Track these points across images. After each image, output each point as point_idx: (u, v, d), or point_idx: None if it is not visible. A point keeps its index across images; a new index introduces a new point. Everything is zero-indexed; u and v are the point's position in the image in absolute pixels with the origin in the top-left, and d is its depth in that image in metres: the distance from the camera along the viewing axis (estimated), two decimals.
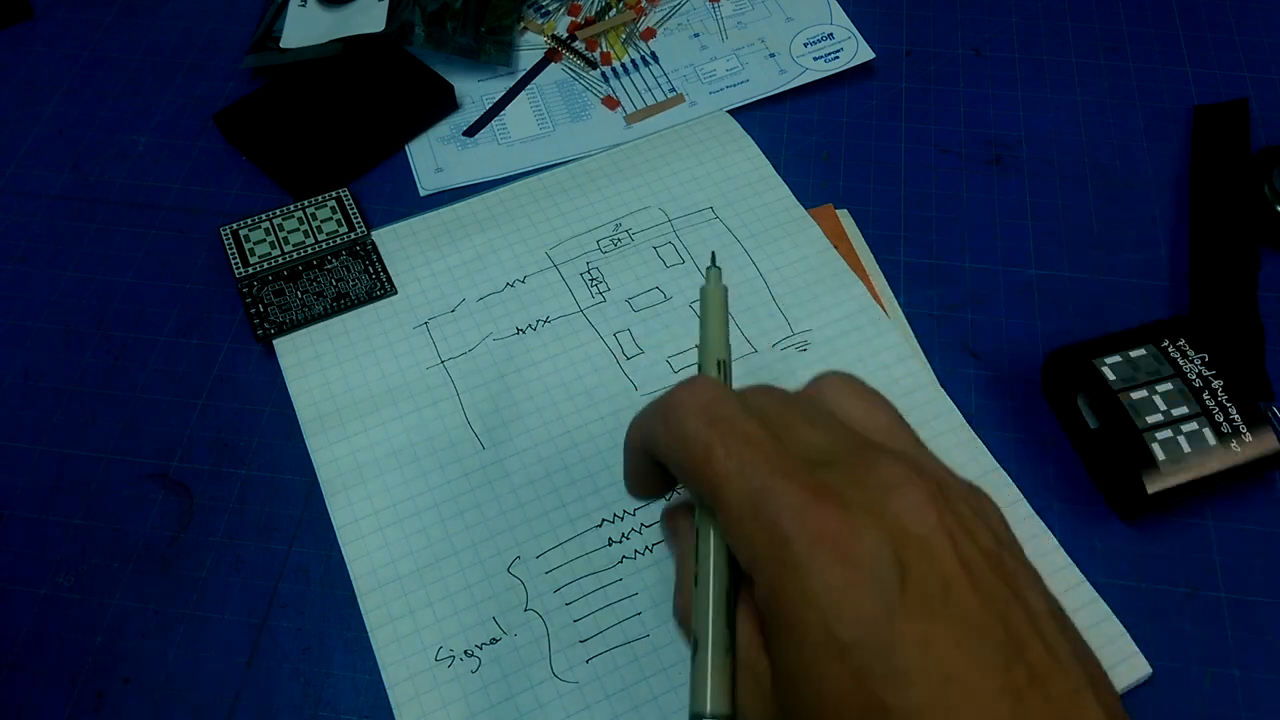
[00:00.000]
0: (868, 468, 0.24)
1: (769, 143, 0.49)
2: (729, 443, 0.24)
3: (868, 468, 0.24)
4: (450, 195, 0.48)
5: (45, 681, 0.35)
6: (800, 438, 0.25)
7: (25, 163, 0.50)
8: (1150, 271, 0.44)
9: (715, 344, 0.29)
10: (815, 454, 0.24)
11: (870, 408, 0.27)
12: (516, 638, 0.35)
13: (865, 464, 0.24)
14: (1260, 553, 0.37)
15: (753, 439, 0.24)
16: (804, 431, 0.25)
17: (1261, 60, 0.52)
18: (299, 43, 0.51)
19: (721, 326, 0.29)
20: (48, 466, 0.40)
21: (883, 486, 0.23)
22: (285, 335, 0.42)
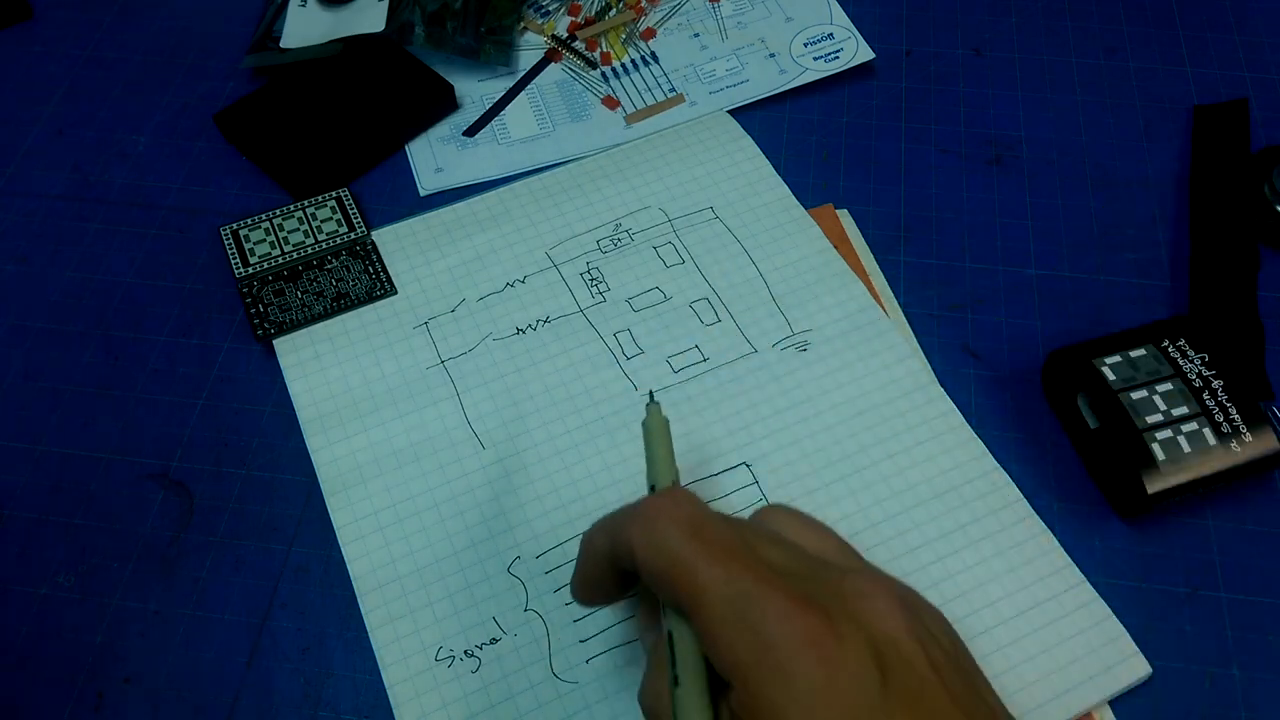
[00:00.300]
0: (835, 579, 0.25)
1: (769, 143, 0.49)
2: (712, 552, 0.25)
3: (835, 579, 0.25)
4: (450, 195, 0.48)
5: (45, 681, 0.35)
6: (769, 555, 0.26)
7: (25, 163, 0.50)
8: (1150, 271, 0.44)
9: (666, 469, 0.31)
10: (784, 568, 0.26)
11: (819, 534, 0.29)
12: (516, 638, 0.35)
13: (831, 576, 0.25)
14: (1260, 553, 0.37)
15: (734, 549, 0.25)
16: (769, 550, 0.26)
17: (1261, 60, 0.52)
18: (299, 43, 0.51)
19: (668, 453, 0.31)
20: (48, 466, 0.40)
21: (854, 595, 0.24)
22: (285, 335, 0.42)
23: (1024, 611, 0.35)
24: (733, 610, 0.24)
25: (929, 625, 0.25)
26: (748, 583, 0.24)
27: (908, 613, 0.25)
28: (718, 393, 0.40)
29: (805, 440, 0.39)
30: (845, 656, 0.23)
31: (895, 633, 0.24)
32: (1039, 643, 0.34)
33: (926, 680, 0.23)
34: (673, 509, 0.26)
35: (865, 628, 0.24)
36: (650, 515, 0.26)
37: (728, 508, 0.37)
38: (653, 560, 0.26)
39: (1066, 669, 0.34)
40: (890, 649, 0.24)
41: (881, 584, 0.25)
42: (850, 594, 0.25)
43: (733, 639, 0.24)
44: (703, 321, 0.42)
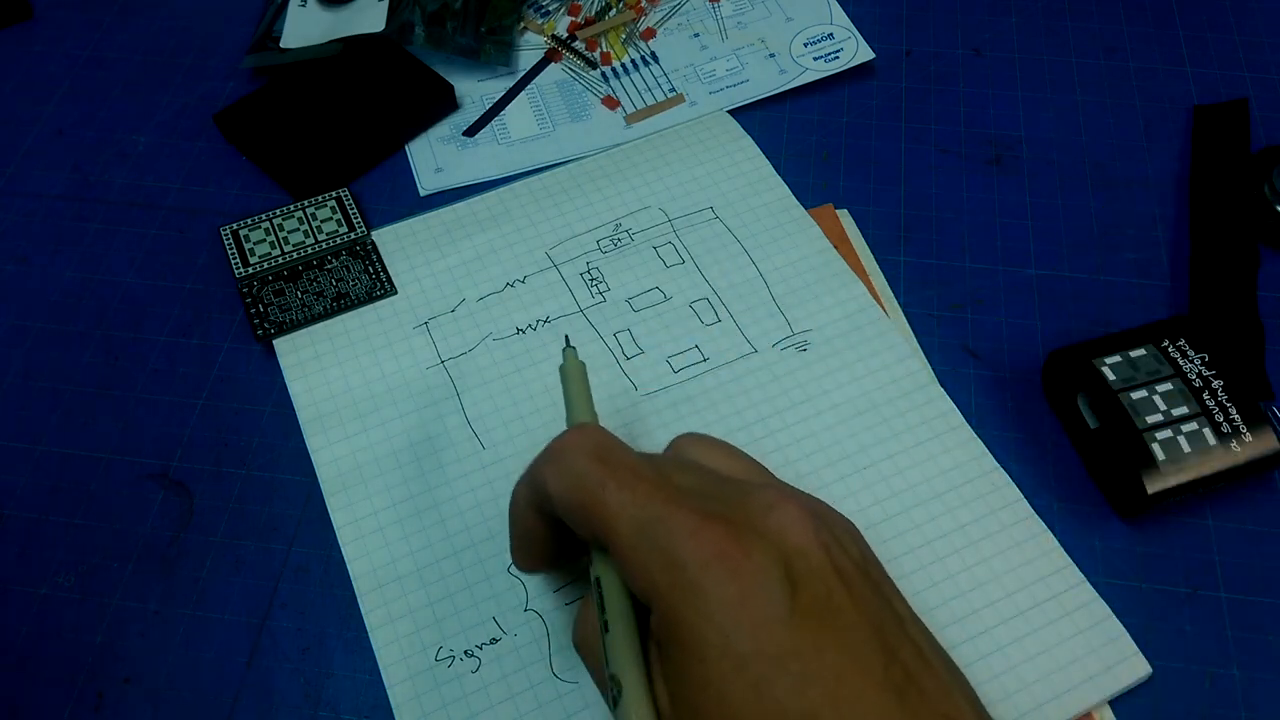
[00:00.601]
0: (743, 495, 0.26)
1: (769, 143, 0.49)
2: (620, 477, 0.25)
3: (743, 495, 0.26)
4: (450, 195, 0.48)
5: (45, 681, 0.35)
6: (678, 479, 0.26)
7: (25, 163, 0.50)
8: (1150, 271, 0.44)
9: (582, 411, 0.32)
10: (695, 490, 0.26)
11: (729, 456, 0.29)
12: (517, 638, 0.35)
13: (740, 493, 0.26)
14: (1260, 553, 0.37)
15: (641, 474, 0.26)
16: (680, 474, 0.27)
17: (1261, 60, 0.52)
18: (299, 43, 0.51)
19: (585, 396, 0.32)
20: (48, 466, 0.40)
21: (760, 508, 0.25)
22: (285, 335, 0.42)
23: (1024, 611, 0.35)
24: (642, 533, 0.24)
25: (837, 535, 0.25)
26: (656, 505, 0.25)
27: (816, 523, 0.25)
28: (718, 393, 0.40)
29: (805, 440, 0.39)
30: (753, 569, 0.23)
31: (803, 543, 0.24)
32: (1039, 643, 0.34)
33: (834, 589, 0.24)
34: (580, 440, 0.27)
35: (773, 539, 0.24)
36: (558, 449, 0.27)
37: None
38: (565, 493, 0.26)
39: (1066, 669, 0.34)
40: (798, 559, 0.24)
41: (789, 496, 0.26)
42: (757, 508, 0.25)
43: (645, 561, 0.24)
44: (703, 321, 0.42)
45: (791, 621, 0.23)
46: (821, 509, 0.26)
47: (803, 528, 0.24)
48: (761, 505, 0.25)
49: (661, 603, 0.24)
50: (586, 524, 0.26)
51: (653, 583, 0.24)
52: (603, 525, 0.25)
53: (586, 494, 0.26)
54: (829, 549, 0.25)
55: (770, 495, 0.26)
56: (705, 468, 0.28)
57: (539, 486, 0.27)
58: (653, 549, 0.24)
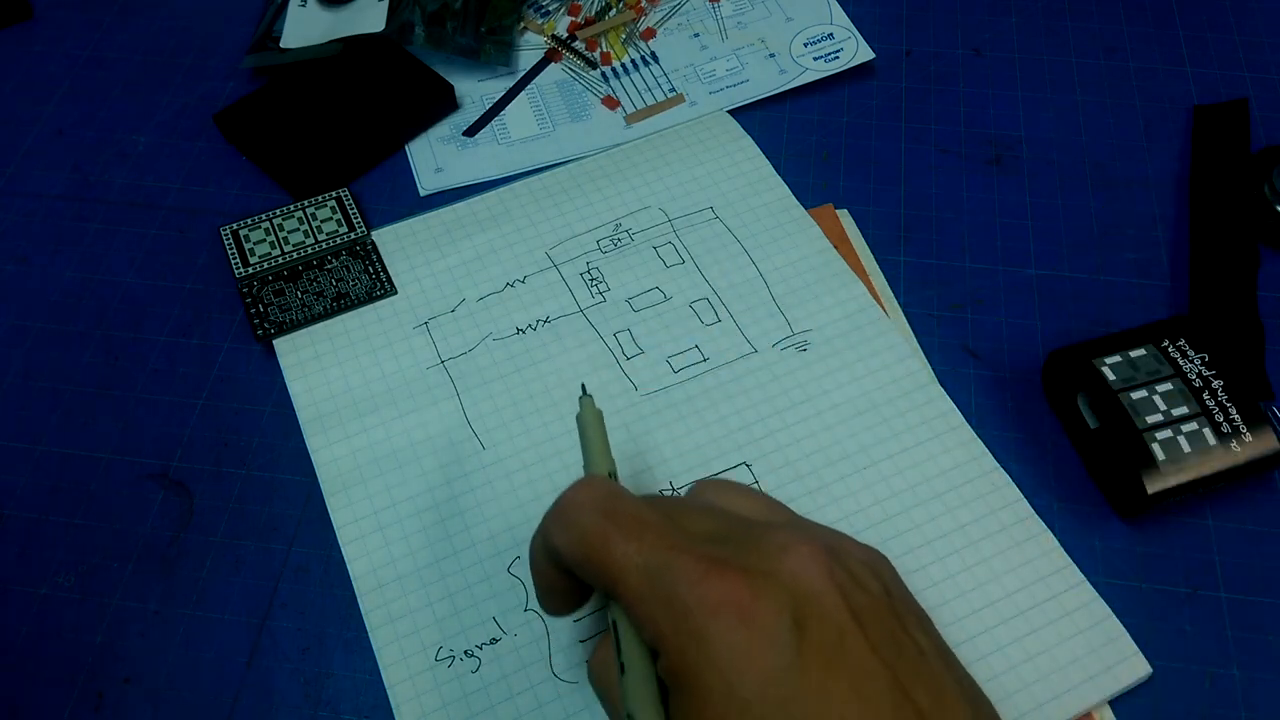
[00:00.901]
0: (757, 538, 0.25)
1: (769, 143, 0.49)
2: (625, 528, 0.25)
3: (757, 538, 0.25)
4: (450, 195, 0.48)
5: (45, 681, 0.35)
6: (690, 525, 0.26)
7: (25, 163, 0.50)
8: (1150, 271, 0.44)
9: (600, 459, 0.31)
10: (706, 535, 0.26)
11: (748, 498, 0.29)
12: (516, 638, 0.35)
13: (754, 536, 0.25)
14: (1260, 553, 0.37)
15: (647, 524, 0.25)
16: (693, 519, 0.26)
17: (1261, 60, 0.52)
18: (299, 43, 0.51)
19: (603, 443, 0.32)
20: (48, 466, 0.40)
21: (774, 550, 0.24)
22: (285, 335, 0.42)
23: (1024, 611, 0.35)
24: (649, 581, 0.24)
25: (855, 571, 0.25)
26: (661, 552, 0.24)
27: (831, 562, 0.24)
28: (718, 393, 0.40)
29: (805, 440, 0.39)
30: (761, 615, 0.23)
31: (815, 584, 0.24)
32: (1039, 643, 0.34)
33: (846, 631, 0.23)
34: (584, 495, 0.27)
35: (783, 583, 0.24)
36: (563, 505, 0.27)
37: None
38: (572, 549, 0.26)
39: (1066, 669, 0.34)
40: (809, 602, 0.23)
41: (804, 535, 0.25)
42: (770, 549, 0.25)
43: (652, 610, 0.24)
44: (703, 321, 0.42)
45: (797, 666, 0.22)
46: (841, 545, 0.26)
47: (817, 569, 0.24)
48: (775, 547, 0.25)
49: (668, 649, 0.24)
50: (594, 577, 0.26)
51: (659, 630, 0.24)
52: (609, 578, 0.25)
53: (591, 549, 0.25)
54: (844, 589, 0.24)
55: (785, 536, 0.25)
56: (721, 511, 0.27)
57: (550, 544, 0.27)
58: (659, 597, 0.24)
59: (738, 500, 0.28)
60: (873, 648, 0.23)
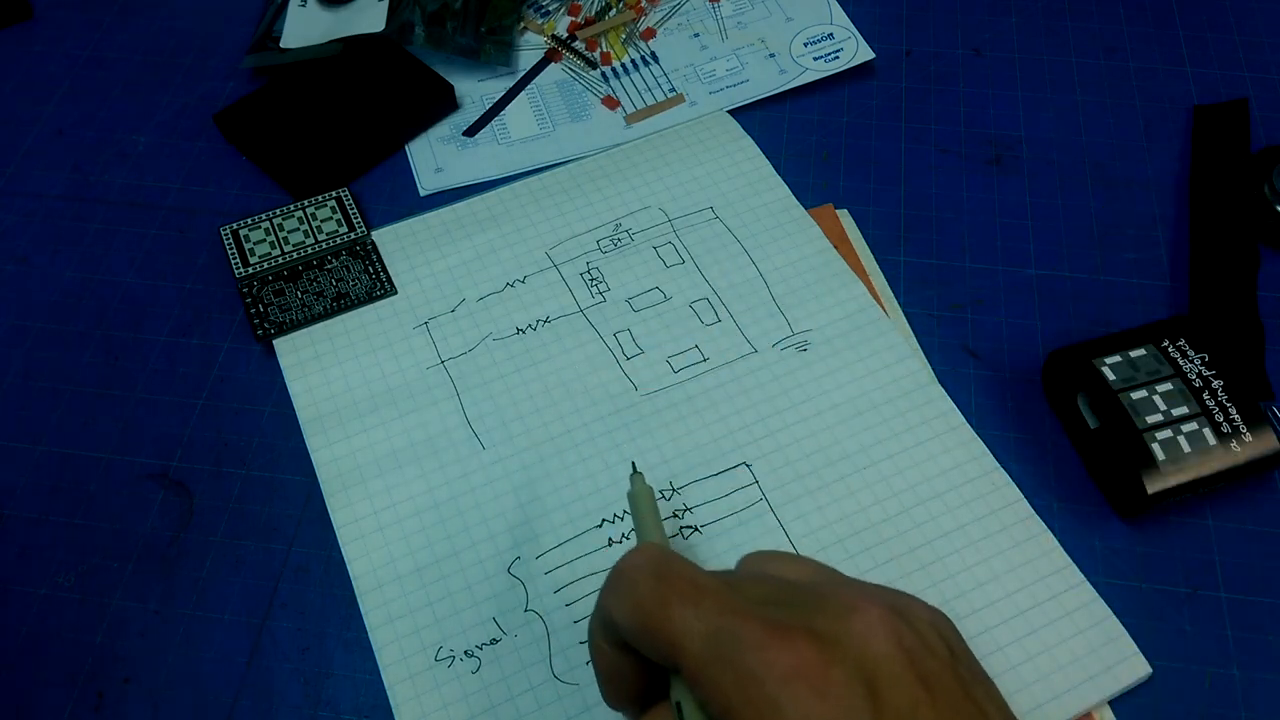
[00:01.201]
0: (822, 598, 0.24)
1: (769, 143, 0.49)
2: (683, 592, 0.24)
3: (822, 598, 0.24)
4: (450, 195, 0.48)
5: (45, 681, 0.35)
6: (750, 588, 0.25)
7: (25, 163, 0.50)
8: (1150, 271, 0.44)
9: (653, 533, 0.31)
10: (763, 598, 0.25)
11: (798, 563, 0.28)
12: (517, 638, 0.35)
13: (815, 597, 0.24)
14: (1260, 553, 0.37)
15: (706, 588, 0.24)
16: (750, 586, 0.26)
17: (1261, 60, 0.52)
18: (299, 43, 0.51)
19: (654, 518, 0.32)
20: (48, 466, 0.40)
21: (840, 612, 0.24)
22: (285, 335, 0.42)
23: (1024, 611, 0.35)
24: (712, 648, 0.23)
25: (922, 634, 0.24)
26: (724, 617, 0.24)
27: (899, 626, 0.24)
28: (718, 393, 0.40)
29: (805, 440, 0.39)
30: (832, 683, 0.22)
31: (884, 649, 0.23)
32: (1039, 643, 0.34)
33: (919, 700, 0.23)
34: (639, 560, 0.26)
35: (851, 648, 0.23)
36: (618, 573, 0.26)
37: (728, 507, 0.37)
38: (629, 618, 0.25)
39: (1066, 669, 0.34)
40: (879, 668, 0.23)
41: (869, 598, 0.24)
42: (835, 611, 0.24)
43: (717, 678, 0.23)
44: (703, 321, 0.42)
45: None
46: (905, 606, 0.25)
47: (886, 633, 0.23)
48: (841, 609, 0.24)
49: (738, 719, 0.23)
50: (655, 647, 0.25)
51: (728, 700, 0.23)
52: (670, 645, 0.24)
53: (650, 615, 0.24)
54: (913, 654, 0.23)
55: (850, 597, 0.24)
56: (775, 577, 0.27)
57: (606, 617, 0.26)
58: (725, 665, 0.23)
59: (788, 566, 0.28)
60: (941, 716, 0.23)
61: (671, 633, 0.24)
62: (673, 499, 0.38)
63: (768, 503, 0.37)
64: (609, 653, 0.27)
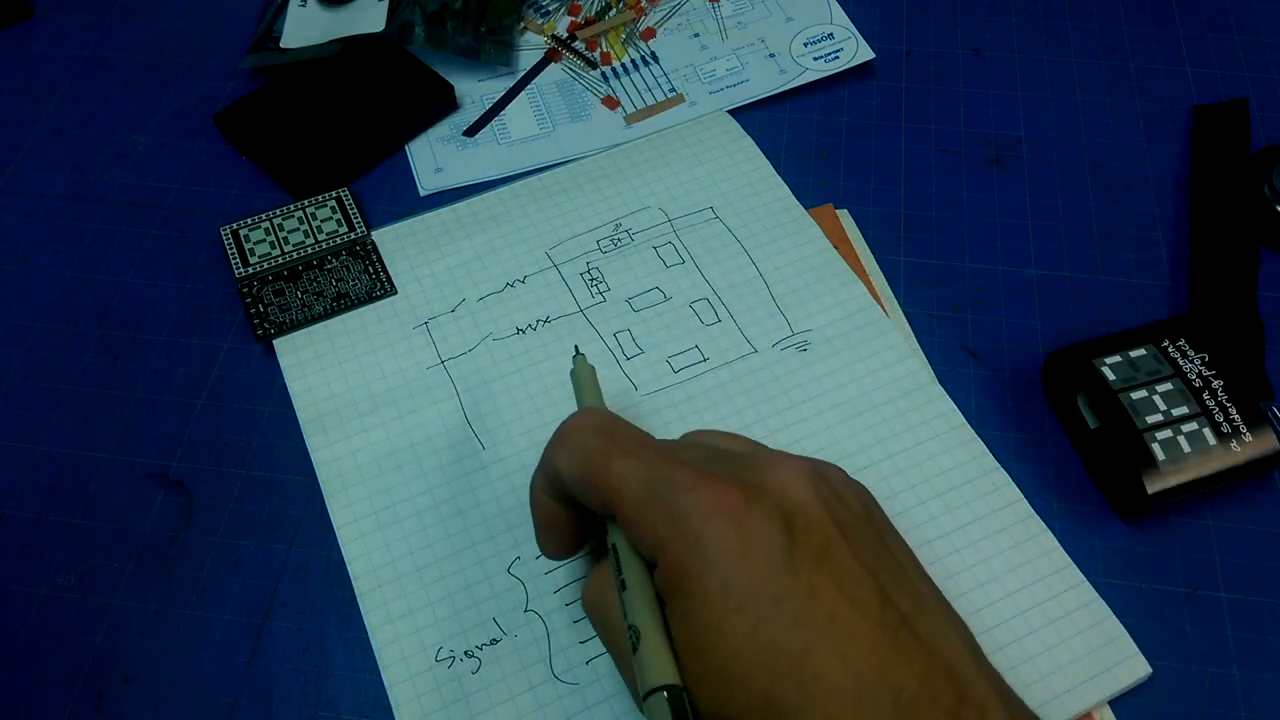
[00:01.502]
0: (750, 457, 0.27)
1: (769, 143, 0.49)
2: (625, 446, 0.27)
3: (750, 457, 0.27)
4: (450, 195, 0.48)
5: (45, 681, 0.35)
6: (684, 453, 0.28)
7: (25, 163, 0.50)
8: (1150, 271, 0.44)
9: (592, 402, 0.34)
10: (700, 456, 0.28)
11: (732, 437, 0.31)
12: (517, 639, 0.35)
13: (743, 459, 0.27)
14: (1260, 553, 0.37)
15: (646, 443, 0.28)
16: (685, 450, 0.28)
17: (1261, 60, 0.52)
18: (299, 43, 0.51)
19: (595, 392, 0.34)
20: (48, 466, 0.40)
21: (763, 467, 0.26)
22: (285, 335, 0.42)
23: (1024, 611, 0.35)
24: (646, 492, 0.26)
25: (839, 490, 0.27)
26: (659, 465, 0.26)
27: (815, 479, 0.26)
28: (718, 393, 0.40)
29: (805, 440, 0.39)
30: (754, 519, 0.25)
31: (802, 497, 0.26)
32: (1039, 643, 0.34)
33: (832, 539, 0.25)
34: (585, 419, 0.29)
35: (773, 494, 0.25)
36: (565, 431, 0.29)
37: None
38: (574, 468, 0.28)
39: (1066, 669, 0.34)
40: (797, 512, 0.25)
41: (790, 456, 0.27)
42: (759, 466, 0.26)
43: (650, 518, 0.26)
44: (703, 321, 0.42)
45: (788, 567, 0.24)
46: (824, 469, 0.28)
47: (802, 483, 0.26)
48: (764, 464, 0.26)
49: (667, 554, 0.25)
50: (595, 495, 0.27)
51: (658, 536, 0.25)
52: (610, 492, 0.26)
53: (594, 465, 0.27)
54: (828, 503, 0.26)
55: (773, 454, 0.27)
56: (710, 445, 0.29)
57: (551, 470, 0.29)
58: (657, 506, 0.25)
59: (723, 439, 0.30)
60: (856, 555, 0.25)
61: (611, 481, 0.27)
62: None
63: None
64: (550, 504, 0.30)
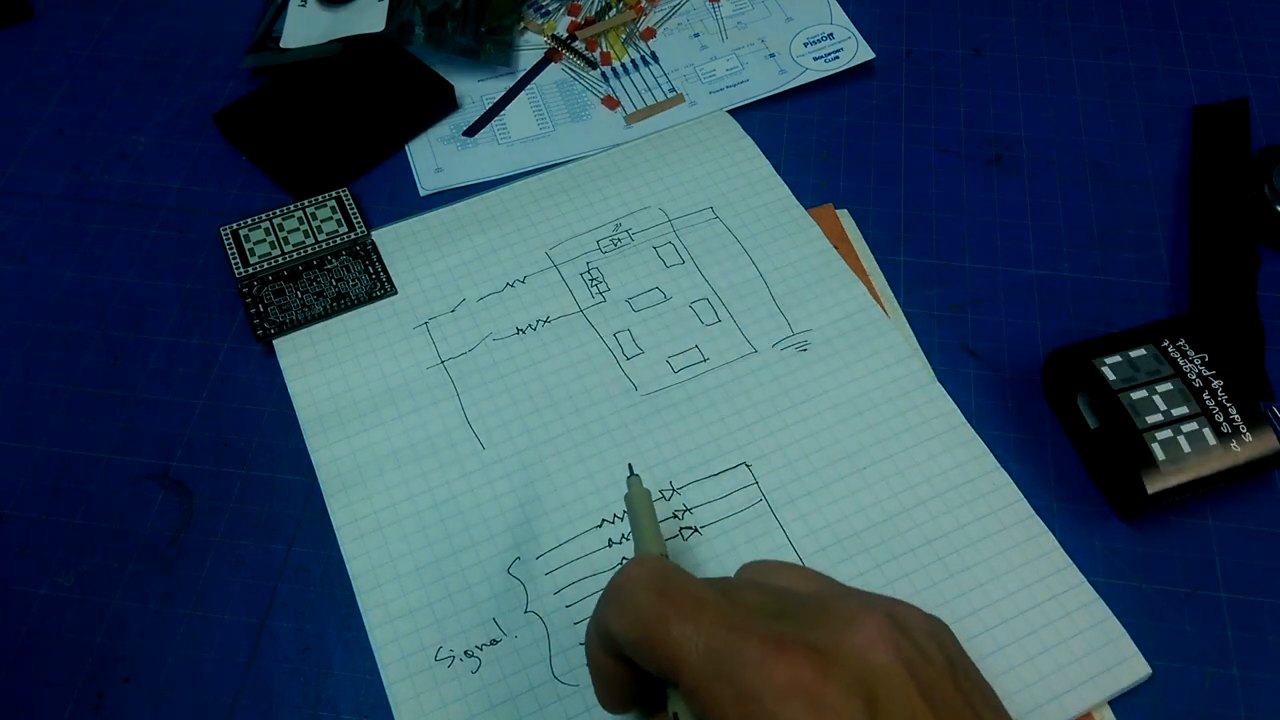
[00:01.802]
0: (820, 610, 0.24)
1: (769, 143, 0.49)
2: (682, 607, 0.24)
3: (820, 610, 0.24)
4: (450, 195, 0.48)
5: (45, 681, 0.35)
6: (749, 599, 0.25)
7: (25, 163, 0.50)
8: (1150, 271, 0.44)
9: (650, 541, 0.31)
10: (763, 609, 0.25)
11: (801, 574, 0.28)
12: (517, 639, 0.35)
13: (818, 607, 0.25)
14: (1260, 553, 0.37)
15: (705, 602, 0.24)
16: (751, 594, 0.26)
17: (1261, 60, 0.52)
18: (299, 43, 0.51)
19: (653, 524, 0.31)
20: (48, 466, 0.40)
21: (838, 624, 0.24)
22: (285, 335, 0.42)
23: (1024, 611, 0.35)
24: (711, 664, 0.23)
25: (921, 644, 0.24)
26: (723, 632, 0.24)
27: (896, 635, 0.24)
28: (718, 393, 0.40)
29: (805, 440, 0.39)
30: (830, 698, 0.22)
31: (882, 660, 0.23)
32: (1039, 643, 0.34)
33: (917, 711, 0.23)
34: (639, 573, 0.26)
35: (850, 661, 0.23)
36: (617, 586, 0.26)
37: (728, 508, 0.37)
38: (629, 632, 0.25)
39: (1066, 669, 0.34)
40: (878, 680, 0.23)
41: (866, 606, 0.24)
42: (834, 623, 0.24)
43: (716, 694, 0.23)
44: (703, 321, 0.42)
45: None
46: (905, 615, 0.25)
47: (884, 644, 0.23)
48: (840, 620, 0.24)
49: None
50: (654, 661, 0.25)
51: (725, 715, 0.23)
52: (669, 660, 0.24)
53: (649, 629, 0.24)
54: (911, 665, 0.23)
55: (849, 608, 0.24)
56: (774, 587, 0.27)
57: (605, 630, 0.26)
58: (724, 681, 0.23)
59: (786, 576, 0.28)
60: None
61: (671, 648, 0.24)
62: (673, 499, 0.38)
63: (768, 503, 0.37)
64: (607, 662, 0.27)
